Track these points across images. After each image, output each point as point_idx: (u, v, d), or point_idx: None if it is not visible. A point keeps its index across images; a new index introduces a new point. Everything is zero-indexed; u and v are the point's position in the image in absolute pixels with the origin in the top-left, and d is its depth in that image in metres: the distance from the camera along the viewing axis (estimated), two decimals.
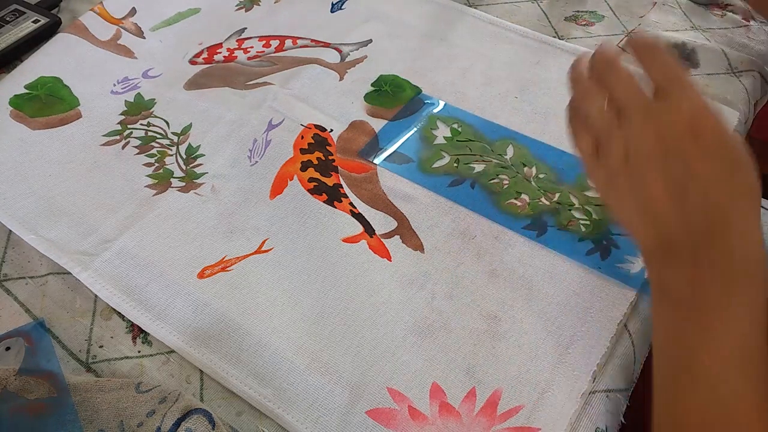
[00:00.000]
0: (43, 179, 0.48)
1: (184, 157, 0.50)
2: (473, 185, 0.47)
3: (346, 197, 0.47)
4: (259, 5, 0.63)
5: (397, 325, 0.40)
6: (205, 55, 0.58)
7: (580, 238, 0.44)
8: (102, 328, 0.41)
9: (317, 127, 0.51)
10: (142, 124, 0.52)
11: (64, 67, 0.56)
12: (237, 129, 0.52)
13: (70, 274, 0.43)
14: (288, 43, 0.59)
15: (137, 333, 0.41)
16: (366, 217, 0.46)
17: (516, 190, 0.47)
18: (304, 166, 0.49)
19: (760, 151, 0.36)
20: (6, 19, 0.59)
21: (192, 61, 0.57)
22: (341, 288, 0.42)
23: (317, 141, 0.50)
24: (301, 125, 0.52)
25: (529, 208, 0.46)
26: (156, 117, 0.53)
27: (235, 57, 0.58)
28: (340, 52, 0.58)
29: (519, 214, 0.46)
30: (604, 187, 0.38)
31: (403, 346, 0.39)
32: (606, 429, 0.37)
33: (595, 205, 0.46)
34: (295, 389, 0.38)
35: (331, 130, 0.51)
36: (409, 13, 0.61)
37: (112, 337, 0.41)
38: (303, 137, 0.51)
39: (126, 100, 0.54)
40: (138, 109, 0.53)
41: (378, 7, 0.62)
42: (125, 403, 0.35)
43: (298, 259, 0.44)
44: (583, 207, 0.46)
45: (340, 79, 0.55)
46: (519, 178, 0.48)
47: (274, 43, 0.59)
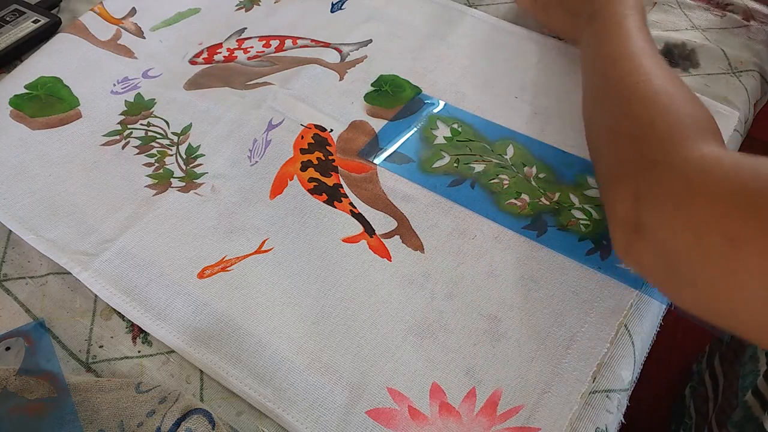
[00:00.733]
0: (43, 179, 0.48)
1: (184, 157, 0.50)
2: (473, 185, 0.47)
3: (346, 197, 0.47)
4: (259, 5, 0.63)
5: (397, 325, 0.40)
6: (205, 55, 0.58)
7: (580, 238, 0.44)
8: (102, 328, 0.41)
9: (317, 127, 0.51)
10: (142, 124, 0.52)
11: (64, 67, 0.56)
12: (237, 129, 0.52)
13: (70, 274, 0.43)
14: (288, 43, 0.59)
15: (137, 333, 0.41)
16: (366, 217, 0.46)
17: (516, 190, 0.47)
18: (304, 166, 0.49)
19: (761, 151, 0.36)
20: (6, 19, 0.59)
21: (192, 61, 0.57)
22: (341, 288, 0.42)
23: (317, 141, 0.50)
24: (301, 125, 0.52)
25: (529, 208, 0.46)
26: (156, 117, 0.53)
27: (235, 57, 0.58)
28: (340, 52, 0.58)
29: (519, 214, 0.46)
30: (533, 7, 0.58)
31: (403, 346, 0.39)
32: (606, 429, 0.37)
33: (596, 205, 0.46)
34: (295, 389, 0.38)
35: (331, 130, 0.51)
36: (409, 13, 0.61)
37: (112, 337, 0.41)
38: (303, 137, 0.51)
39: (126, 100, 0.54)
40: (138, 109, 0.53)
41: (378, 7, 0.62)
42: (125, 403, 0.35)
43: (298, 259, 0.44)
44: (583, 207, 0.46)
45: (340, 79, 0.55)
46: (519, 178, 0.48)
47: (274, 43, 0.59)
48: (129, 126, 0.52)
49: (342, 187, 0.48)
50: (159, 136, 0.51)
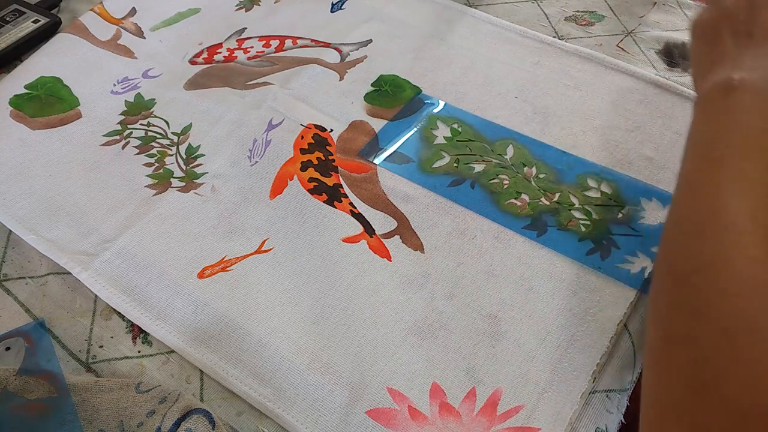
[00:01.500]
0: (43, 179, 0.48)
1: (184, 157, 0.50)
2: (473, 185, 0.47)
3: (346, 197, 0.47)
4: (259, 5, 0.63)
5: (397, 325, 0.40)
6: (205, 55, 0.58)
7: (580, 238, 0.44)
8: (102, 328, 0.41)
9: (317, 127, 0.51)
10: (142, 124, 0.52)
11: (64, 67, 0.56)
12: (237, 129, 0.52)
13: (70, 274, 0.43)
14: (288, 43, 0.59)
15: (137, 333, 0.41)
16: (366, 217, 0.46)
17: (516, 190, 0.47)
18: (304, 166, 0.49)
19: None
20: (6, 19, 0.59)
21: (192, 61, 0.57)
22: (341, 288, 0.42)
23: (317, 141, 0.50)
24: (301, 125, 0.52)
25: (529, 208, 0.46)
26: (156, 117, 0.53)
27: (235, 57, 0.58)
28: (340, 52, 0.58)
29: (519, 214, 0.46)
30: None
31: (403, 346, 0.39)
32: (606, 429, 0.37)
33: (595, 205, 0.46)
34: (295, 389, 0.38)
35: (331, 130, 0.51)
36: (409, 13, 0.61)
37: (112, 337, 0.41)
38: (303, 137, 0.51)
39: (126, 100, 0.54)
40: (138, 109, 0.53)
41: (378, 7, 0.62)
42: (125, 403, 0.35)
43: (298, 259, 0.44)
44: (583, 207, 0.46)
45: (340, 79, 0.55)
46: (519, 178, 0.48)
47: (274, 43, 0.59)
48: (129, 126, 0.52)
49: (342, 187, 0.48)
50: (159, 136, 0.51)
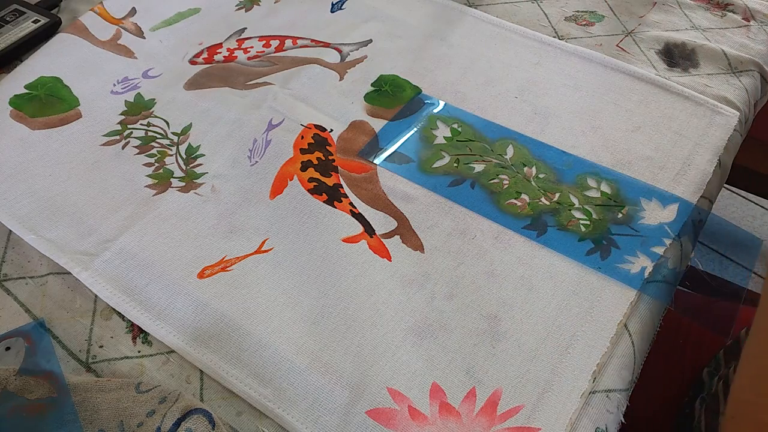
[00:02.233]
0: (43, 179, 0.48)
1: (184, 157, 0.50)
2: (473, 185, 0.47)
3: (346, 197, 0.47)
4: (259, 5, 0.63)
5: (397, 325, 0.40)
6: (205, 55, 0.58)
7: (580, 238, 0.44)
8: (102, 328, 0.41)
9: (317, 127, 0.51)
10: (142, 124, 0.52)
11: (64, 67, 0.56)
12: (237, 129, 0.52)
13: (70, 274, 0.43)
14: (288, 43, 0.59)
15: (137, 333, 0.41)
16: (366, 217, 0.46)
17: (516, 190, 0.47)
18: (304, 166, 0.49)
19: (761, 151, 0.36)
20: (6, 19, 0.59)
21: (192, 61, 0.57)
22: (341, 288, 0.42)
23: (317, 141, 0.50)
24: (301, 125, 0.52)
25: (529, 208, 0.46)
26: (156, 117, 0.53)
27: (235, 57, 0.58)
28: (340, 52, 0.58)
29: (519, 214, 0.46)
30: None
31: (403, 346, 0.39)
32: (606, 429, 0.37)
33: (595, 205, 0.46)
34: (295, 389, 0.38)
35: (331, 130, 0.51)
36: (409, 13, 0.61)
37: (112, 337, 0.41)
38: (303, 137, 0.51)
39: (126, 100, 0.54)
40: (138, 109, 0.53)
41: (378, 7, 0.62)
42: (125, 403, 0.35)
43: (298, 259, 0.44)
44: (583, 207, 0.46)
45: (340, 79, 0.55)
46: (519, 178, 0.48)
47: (274, 43, 0.59)
48: (129, 126, 0.52)
49: (342, 187, 0.48)
50: (159, 136, 0.51)
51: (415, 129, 0.51)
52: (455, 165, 0.49)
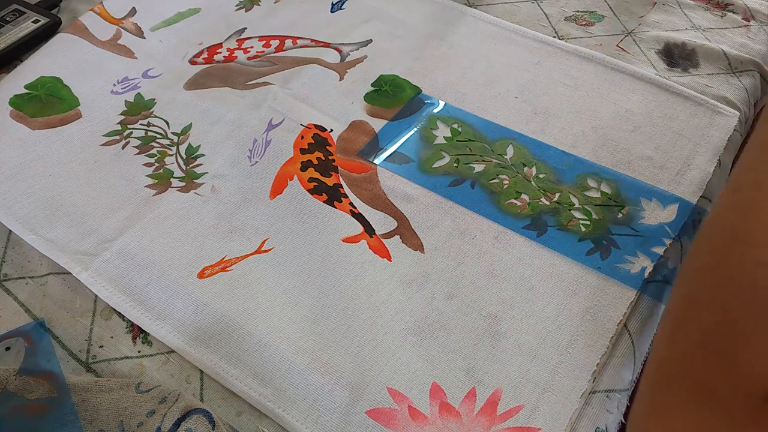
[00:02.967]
0: (43, 179, 0.48)
1: (184, 157, 0.50)
2: (473, 185, 0.47)
3: (346, 197, 0.47)
4: (259, 5, 0.63)
5: (397, 325, 0.40)
6: (205, 55, 0.58)
7: (580, 238, 0.44)
8: (102, 328, 0.41)
9: (317, 127, 0.51)
10: (142, 124, 0.52)
11: (64, 67, 0.56)
12: (237, 129, 0.52)
13: (70, 274, 0.43)
14: (288, 43, 0.59)
15: (137, 333, 0.41)
16: (366, 217, 0.46)
17: (516, 190, 0.47)
18: (304, 166, 0.49)
19: None
20: (6, 19, 0.59)
21: (192, 61, 0.57)
22: (341, 288, 0.42)
23: (317, 141, 0.50)
24: (301, 125, 0.52)
25: (529, 208, 0.46)
26: (156, 117, 0.53)
27: (235, 57, 0.58)
28: (340, 52, 0.58)
29: (519, 214, 0.46)
30: None
31: (403, 346, 0.39)
32: (606, 429, 0.37)
33: (595, 205, 0.46)
34: (295, 389, 0.38)
35: (331, 130, 0.51)
36: (409, 13, 0.61)
37: (112, 337, 0.41)
38: (303, 137, 0.51)
39: (126, 100, 0.54)
40: (138, 109, 0.53)
41: (378, 7, 0.62)
42: (125, 403, 0.35)
43: (298, 259, 0.44)
44: (583, 207, 0.46)
45: (340, 79, 0.55)
46: (519, 178, 0.48)
47: (274, 43, 0.59)
48: (129, 126, 0.52)
49: (342, 187, 0.48)
50: (159, 136, 0.51)
51: (415, 129, 0.51)
52: (455, 165, 0.49)
